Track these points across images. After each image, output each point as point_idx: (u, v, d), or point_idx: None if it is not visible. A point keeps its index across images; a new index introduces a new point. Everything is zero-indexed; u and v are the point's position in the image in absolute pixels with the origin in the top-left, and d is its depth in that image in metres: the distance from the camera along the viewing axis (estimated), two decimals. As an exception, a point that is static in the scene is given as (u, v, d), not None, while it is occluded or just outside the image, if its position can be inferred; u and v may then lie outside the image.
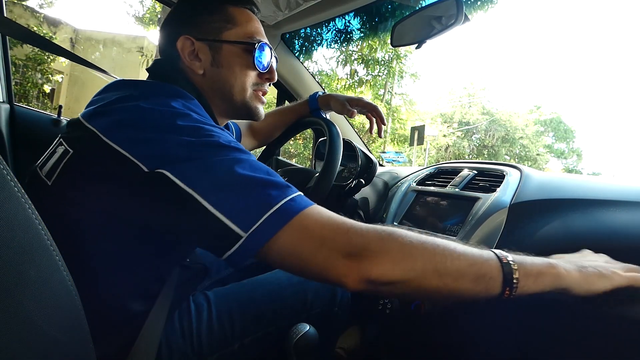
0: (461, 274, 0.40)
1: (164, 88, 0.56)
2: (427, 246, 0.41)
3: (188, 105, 0.51)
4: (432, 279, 0.40)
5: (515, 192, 0.71)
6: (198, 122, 0.47)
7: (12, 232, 0.23)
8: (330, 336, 0.71)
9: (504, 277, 0.41)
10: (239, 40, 0.61)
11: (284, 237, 0.40)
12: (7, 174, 0.24)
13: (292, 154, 11.45)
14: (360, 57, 7.40)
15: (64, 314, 0.27)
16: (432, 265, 0.40)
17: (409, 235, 0.41)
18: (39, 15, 8.52)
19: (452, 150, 18.53)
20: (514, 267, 0.42)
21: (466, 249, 0.42)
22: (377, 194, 1.00)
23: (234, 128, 0.93)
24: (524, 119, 20.63)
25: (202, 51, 0.60)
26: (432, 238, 0.42)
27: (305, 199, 0.45)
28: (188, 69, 0.60)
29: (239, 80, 0.62)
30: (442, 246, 0.41)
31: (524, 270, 0.42)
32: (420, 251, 0.40)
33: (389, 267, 0.39)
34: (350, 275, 0.39)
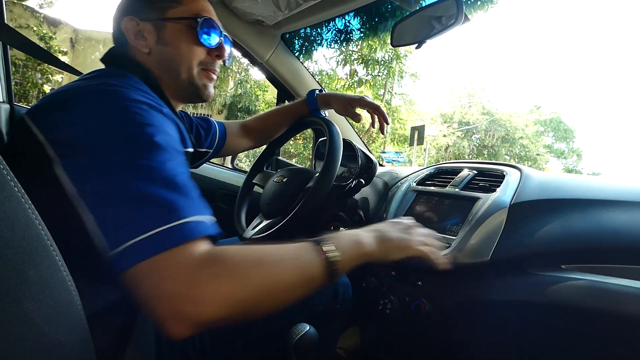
0: (292, 286, 0.44)
1: (108, 71, 0.55)
2: (257, 272, 0.41)
3: (130, 83, 0.50)
4: (267, 301, 0.42)
5: (515, 192, 0.71)
6: (132, 102, 0.45)
7: (12, 232, 0.23)
8: (332, 334, 0.71)
9: (329, 274, 0.46)
10: (183, 16, 0.60)
11: (141, 270, 0.36)
12: (7, 173, 0.24)
13: (292, 154, 11.45)
14: (360, 57, 7.40)
15: (64, 314, 0.27)
16: (265, 292, 0.41)
17: (239, 265, 0.41)
18: (39, 15, 8.52)
19: (452, 150, 18.52)
20: (336, 259, 0.47)
21: (291, 257, 0.45)
22: (377, 194, 1.00)
23: (217, 127, 0.92)
24: (524, 119, 20.63)
25: (147, 30, 0.59)
26: (260, 257, 0.43)
27: (193, 228, 0.40)
28: (135, 50, 0.60)
29: (185, 58, 0.61)
30: (270, 265, 0.42)
31: (342, 259, 0.48)
32: (252, 279, 0.40)
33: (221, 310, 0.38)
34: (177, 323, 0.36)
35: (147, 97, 0.49)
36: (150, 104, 0.47)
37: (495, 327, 0.64)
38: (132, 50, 0.60)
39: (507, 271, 0.62)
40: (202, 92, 0.64)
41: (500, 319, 0.63)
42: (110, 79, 0.50)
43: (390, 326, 0.79)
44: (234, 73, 8.15)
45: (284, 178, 0.91)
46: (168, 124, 0.48)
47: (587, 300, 0.51)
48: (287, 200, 0.85)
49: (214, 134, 0.90)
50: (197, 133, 0.87)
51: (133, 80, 0.52)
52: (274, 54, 1.22)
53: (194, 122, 0.87)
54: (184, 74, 0.61)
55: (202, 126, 0.89)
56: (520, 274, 0.60)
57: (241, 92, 8.61)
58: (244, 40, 1.17)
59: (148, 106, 0.47)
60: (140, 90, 0.50)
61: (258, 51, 1.21)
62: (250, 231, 0.89)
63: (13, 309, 0.23)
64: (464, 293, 0.65)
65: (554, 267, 0.59)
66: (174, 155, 0.45)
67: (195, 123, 0.87)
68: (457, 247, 0.67)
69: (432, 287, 0.70)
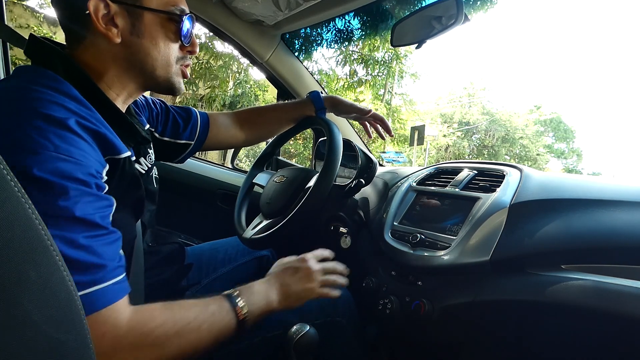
0: (208, 346, 0.49)
1: (30, 70, 0.50)
2: (177, 341, 0.46)
3: (54, 87, 0.46)
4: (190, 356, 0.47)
5: (516, 192, 0.71)
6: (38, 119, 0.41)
7: (12, 232, 0.23)
8: (332, 345, 0.71)
9: (239, 330, 0.52)
10: (161, 9, 0.55)
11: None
12: (7, 173, 0.24)
13: (292, 154, 11.45)
14: (360, 57, 7.40)
15: (64, 314, 0.27)
16: (183, 356, 0.46)
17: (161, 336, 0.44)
18: (39, 15, 8.51)
19: (452, 150, 18.52)
20: (247, 317, 0.53)
21: (209, 322, 0.49)
22: (377, 194, 1.00)
23: (199, 117, 0.87)
24: (524, 119, 20.62)
25: (121, 16, 0.52)
26: (180, 327, 0.46)
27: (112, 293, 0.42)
28: (98, 38, 0.52)
29: (163, 55, 0.57)
30: (189, 334, 0.47)
31: (250, 317, 0.54)
32: (172, 348, 0.45)
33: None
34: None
35: (62, 108, 0.45)
36: (61, 121, 0.43)
37: (495, 327, 0.64)
38: (93, 37, 0.52)
39: (507, 271, 0.62)
40: (176, 89, 0.61)
41: (500, 319, 0.63)
42: (26, 80, 0.46)
43: (390, 326, 0.79)
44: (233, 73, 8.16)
45: (284, 178, 0.91)
46: (78, 144, 0.44)
47: (587, 300, 0.51)
48: (287, 200, 0.85)
49: (194, 124, 0.85)
50: (175, 123, 0.83)
51: (55, 81, 0.48)
52: (274, 54, 1.22)
53: (170, 112, 0.83)
54: (161, 71, 0.57)
55: (181, 116, 0.84)
56: (520, 274, 0.60)
57: (241, 92, 8.60)
58: (244, 40, 1.17)
59: (57, 125, 0.43)
60: (60, 95, 0.46)
61: (258, 51, 1.21)
62: (250, 231, 0.89)
63: (13, 308, 0.23)
64: (464, 293, 0.65)
65: (554, 267, 0.58)
66: (77, 195, 0.41)
67: (172, 112, 0.83)
68: (457, 247, 0.67)
69: (432, 287, 0.70)
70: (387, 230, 0.81)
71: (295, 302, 0.61)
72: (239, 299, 0.54)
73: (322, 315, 0.70)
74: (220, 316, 0.51)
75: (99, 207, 0.44)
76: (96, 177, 0.45)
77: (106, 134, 0.49)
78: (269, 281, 0.61)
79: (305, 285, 0.62)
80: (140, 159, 0.66)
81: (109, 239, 0.44)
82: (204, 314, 0.49)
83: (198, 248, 0.96)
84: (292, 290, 0.61)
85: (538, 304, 0.56)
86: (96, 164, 0.46)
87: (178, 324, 0.46)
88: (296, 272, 0.64)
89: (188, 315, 0.48)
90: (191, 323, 0.47)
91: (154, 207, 0.71)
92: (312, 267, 0.65)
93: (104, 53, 0.53)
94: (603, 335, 0.53)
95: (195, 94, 7.64)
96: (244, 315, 0.53)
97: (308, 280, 0.63)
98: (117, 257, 0.45)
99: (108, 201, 0.46)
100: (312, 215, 0.77)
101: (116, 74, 0.56)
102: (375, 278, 0.80)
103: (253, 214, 0.96)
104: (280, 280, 0.62)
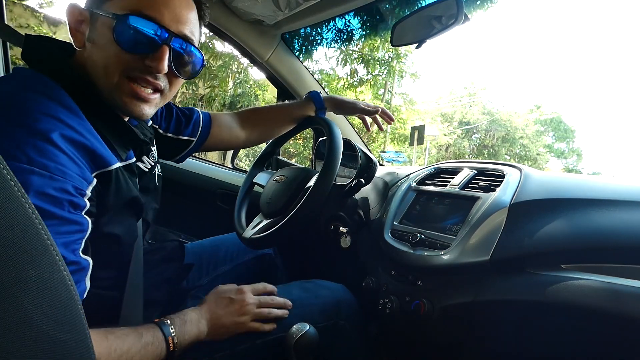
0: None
1: (23, 73, 0.49)
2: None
3: (43, 92, 0.45)
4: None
5: (515, 191, 0.71)
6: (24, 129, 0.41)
7: (11, 232, 0.23)
8: (336, 349, 0.71)
9: (168, 357, 0.53)
10: (106, 12, 0.50)
11: None
12: (7, 173, 0.24)
13: (292, 154, 11.45)
14: (360, 57, 7.39)
15: (64, 314, 0.27)
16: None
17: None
18: (39, 15, 8.51)
19: (452, 150, 18.52)
20: (177, 346, 0.54)
21: (141, 354, 0.50)
22: (377, 193, 1.00)
23: (201, 115, 0.87)
24: (524, 119, 20.60)
25: (85, 22, 0.51)
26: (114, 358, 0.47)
27: None
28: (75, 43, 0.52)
29: (104, 61, 0.50)
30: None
31: (179, 347, 0.55)
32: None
33: None
34: None
35: (49, 118, 0.43)
36: (43, 133, 0.42)
37: (495, 327, 0.64)
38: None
39: (507, 271, 0.62)
40: (123, 107, 0.52)
41: (500, 318, 0.63)
42: (16, 86, 0.45)
43: (390, 326, 0.79)
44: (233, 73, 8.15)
45: (284, 178, 0.91)
46: (57, 158, 0.42)
47: (587, 299, 0.51)
48: (287, 200, 0.85)
49: (196, 122, 0.86)
50: (178, 120, 0.84)
51: (46, 87, 0.47)
52: (274, 53, 1.22)
53: (173, 109, 0.84)
54: (102, 80, 0.51)
55: (184, 113, 0.86)
56: (520, 274, 0.60)
57: (241, 92, 8.60)
58: (244, 40, 1.17)
59: (38, 137, 0.41)
60: (50, 101, 0.45)
61: (258, 51, 1.21)
62: (250, 231, 0.89)
63: (13, 308, 0.23)
64: (464, 293, 0.65)
65: (553, 266, 0.58)
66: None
67: (175, 109, 0.84)
68: (457, 246, 0.67)
69: (432, 287, 0.70)
70: (387, 230, 0.81)
71: (224, 335, 0.62)
72: (172, 329, 0.55)
73: (325, 318, 0.69)
74: (152, 347, 0.52)
75: (62, 232, 0.42)
76: (73, 194, 0.43)
77: (94, 147, 0.47)
78: (200, 310, 0.61)
79: (236, 319, 0.62)
80: (143, 157, 0.66)
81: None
82: (137, 344, 0.50)
83: (198, 245, 0.96)
84: (221, 323, 0.61)
85: (538, 303, 0.56)
86: (77, 180, 0.44)
87: (112, 355, 0.46)
88: (230, 304, 0.64)
89: (122, 346, 0.48)
90: (124, 355, 0.48)
91: (157, 205, 0.71)
92: (246, 300, 0.65)
93: (84, 58, 0.52)
94: (603, 334, 0.53)
95: (195, 94, 7.64)
96: (174, 346, 0.54)
97: (240, 313, 0.63)
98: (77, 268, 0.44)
99: (79, 225, 0.44)
100: (312, 214, 0.77)
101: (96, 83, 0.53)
102: (375, 278, 0.80)
103: (253, 214, 0.97)
104: (212, 311, 0.62)
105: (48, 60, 0.51)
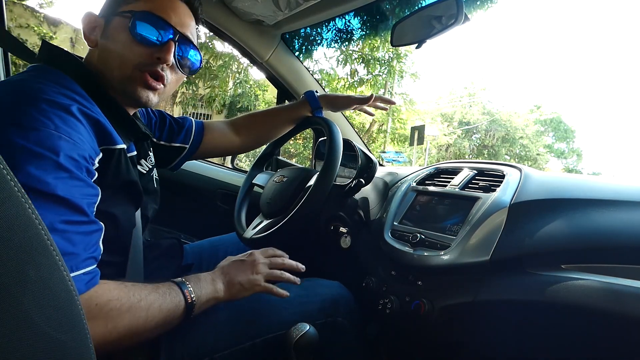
0: (156, 327, 0.50)
1: (37, 67, 0.55)
2: (129, 316, 0.47)
3: (55, 80, 0.50)
4: (132, 340, 0.48)
5: (515, 191, 0.71)
6: (40, 102, 0.45)
7: (11, 232, 0.23)
8: (334, 346, 0.71)
9: (186, 314, 0.54)
10: (123, 10, 0.58)
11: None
12: (7, 173, 0.24)
13: (292, 154, 11.45)
14: (360, 57, 7.40)
15: (64, 314, 0.27)
16: (132, 333, 0.47)
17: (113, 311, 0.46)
18: (39, 15, 8.51)
19: (452, 150, 18.52)
20: (194, 302, 0.55)
21: (159, 303, 0.51)
22: (377, 194, 1.00)
23: (194, 123, 0.90)
24: (524, 119, 20.60)
25: (99, 26, 0.59)
26: (132, 303, 0.48)
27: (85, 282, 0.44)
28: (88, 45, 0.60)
29: (120, 54, 0.57)
30: (140, 311, 0.48)
31: (198, 302, 0.56)
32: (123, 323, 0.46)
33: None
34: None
35: (65, 97, 0.48)
36: (64, 106, 0.47)
37: (495, 327, 0.64)
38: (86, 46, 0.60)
39: (507, 271, 0.62)
40: (135, 97, 0.59)
41: (500, 319, 0.63)
42: (34, 75, 0.50)
43: (390, 326, 0.79)
44: (233, 73, 8.15)
45: (284, 178, 0.91)
46: (77, 128, 0.47)
47: (587, 300, 0.51)
48: (287, 200, 0.85)
49: (188, 129, 0.89)
50: (170, 128, 0.87)
51: (60, 78, 0.52)
52: (274, 53, 1.22)
53: (167, 118, 0.87)
54: (116, 72, 0.58)
55: (177, 122, 0.89)
56: (520, 274, 0.60)
57: (241, 92, 8.60)
58: (244, 40, 1.17)
59: (60, 108, 0.46)
60: (63, 88, 0.50)
61: (258, 51, 1.21)
62: (250, 231, 0.89)
63: (13, 309, 0.23)
64: (464, 293, 0.65)
65: (553, 266, 0.58)
66: (68, 177, 0.43)
67: (168, 118, 0.87)
68: (457, 246, 0.67)
69: (432, 287, 0.70)
70: (387, 230, 0.81)
71: (240, 292, 0.62)
72: (188, 284, 0.56)
73: (324, 315, 0.70)
74: (170, 297, 0.53)
75: (86, 194, 0.46)
76: (88, 162, 0.47)
77: (104, 124, 0.52)
78: (214, 272, 0.63)
79: (249, 277, 0.63)
80: (141, 160, 0.68)
81: (87, 228, 0.45)
82: (155, 293, 0.51)
83: (197, 245, 0.96)
84: (236, 280, 0.62)
85: (538, 303, 0.56)
86: (90, 150, 0.48)
87: (131, 299, 0.48)
88: (242, 264, 0.65)
89: (140, 293, 0.49)
90: (142, 300, 0.49)
91: (156, 206, 0.73)
92: (257, 259, 0.66)
93: (95, 57, 0.59)
94: (603, 335, 0.53)
95: (196, 94, 7.64)
96: (192, 299, 0.55)
97: (252, 271, 0.64)
98: (92, 248, 0.46)
99: (94, 190, 0.48)
100: (312, 215, 0.77)
101: (107, 76, 0.59)
102: (375, 278, 0.80)
103: (253, 214, 0.97)
104: (225, 272, 0.63)
105: (62, 57, 0.57)
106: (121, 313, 0.46)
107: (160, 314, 0.50)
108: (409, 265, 0.73)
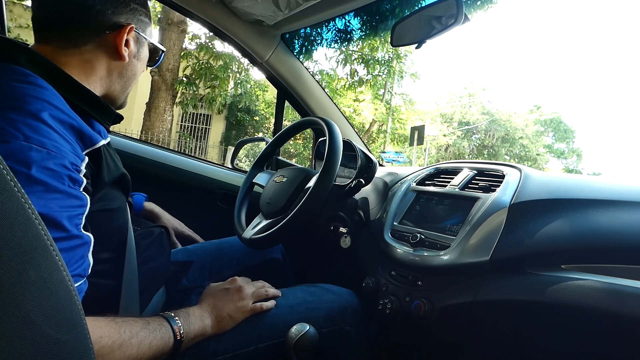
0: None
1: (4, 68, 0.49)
2: (119, 355, 0.46)
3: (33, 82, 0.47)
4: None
5: (515, 192, 0.71)
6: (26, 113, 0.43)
7: (11, 232, 0.23)
8: (340, 354, 0.70)
9: (174, 349, 0.54)
10: (156, 43, 0.68)
11: None
12: (7, 173, 0.24)
13: (292, 154, 11.45)
14: (360, 57, 7.40)
15: (64, 314, 0.27)
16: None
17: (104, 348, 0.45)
18: (39, 15, 8.49)
19: (452, 150, 18.52)
20: (183, 338, 0.55)
21: (149, 340, 0.50)
22: (377, 194, 1.00)
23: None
24: (524, 119, 20.59)
25: (133, 41, 0.61)
26: (123, 340, 0.47)
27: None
28: (109, 53, 0.58)
29: (137, 77, 0.66)
30: (130, 349, 0.48)
31: (186, 339, 0.56)
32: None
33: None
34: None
35: (37, 101, 0.45)
36: (33, 113, 0.43)
37: (495, 327, 0.64)
38: (95, 48, 0.56)
39: (507, 271, 0.62)
40: (123, 103, 0.67)
41: (500, 319, 0.63)
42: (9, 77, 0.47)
43: (390, 326, 0.79)
44: (234, 73, 8.15)
45: (284, 178, 0.91)
46: (51, 136, 0.44)
47: (587, 300, 0.51)
48: (287, 201, 0.85)
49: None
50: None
51: (28, 77, 0.48)
52: (274, 54, 1.22)
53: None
54: (129, 89, 0.66)
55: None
56: (520, 274, 0.60)
57: (241, 92, 8.60)
58: (244, 40, 1.17)
59: (29, 116, 0.43)
60: (34, 89, 0.46)
61: (258, 51, 1.21)
62: (250, 231, 0.89)
63: (13, 309, 0.23)
64: (463, 293, 0.65)
65: (553, 267, 0.58)
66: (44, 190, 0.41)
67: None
68: (457, 247, 0.67)
69: (432, 287, 0.70)
70: (387, 230, 0.81)
71: (229, 324, 0.62)
72: (177, 319, 0.56)
73: (331, 323, 0.69)
74: (160, 333, 0.53)
75: (66, 206, 0.43)
76: (70, 169, 0.44)
77: (81, 126, 0.49)
78: (201, 307, 0.63)
79: (237, 305, 0.64)
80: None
81: (67, 244, 0.42)
82: (146, 330, 0.51)
83: (201, 247, 0.96)
84: (224, 313, 0.62)
85: (538, 304, 0.56)
86: (72, 157, 0.45)
87: (122, 336, 0.47)
88: (227, 293, 0.65)
89: (132, 329, 0.49)
90: (134, 337, 0.48)
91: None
92: (241, 284, 0.67)
93: (100, 62, 0.58)
94: (603, 335, 0.53)
95: (196, 94, 7.63)
96: (180, 335, 0.55)
97: (239, 298, 0.65)
98: (76, 264, 0.44)
99: (78, 200, 0.45)
100: (312, 215, 0.77)
101: (101, 80, 0.59)
102: (375, 278, 0.80)
103: (253, 214, 0.96)
104: (212, 305, 0.63)
105: (15, 51, 0.51)
106: (112, 350, 0.46)
107: (150, 351, 0.50)
108: (409, 266, 0.73)
